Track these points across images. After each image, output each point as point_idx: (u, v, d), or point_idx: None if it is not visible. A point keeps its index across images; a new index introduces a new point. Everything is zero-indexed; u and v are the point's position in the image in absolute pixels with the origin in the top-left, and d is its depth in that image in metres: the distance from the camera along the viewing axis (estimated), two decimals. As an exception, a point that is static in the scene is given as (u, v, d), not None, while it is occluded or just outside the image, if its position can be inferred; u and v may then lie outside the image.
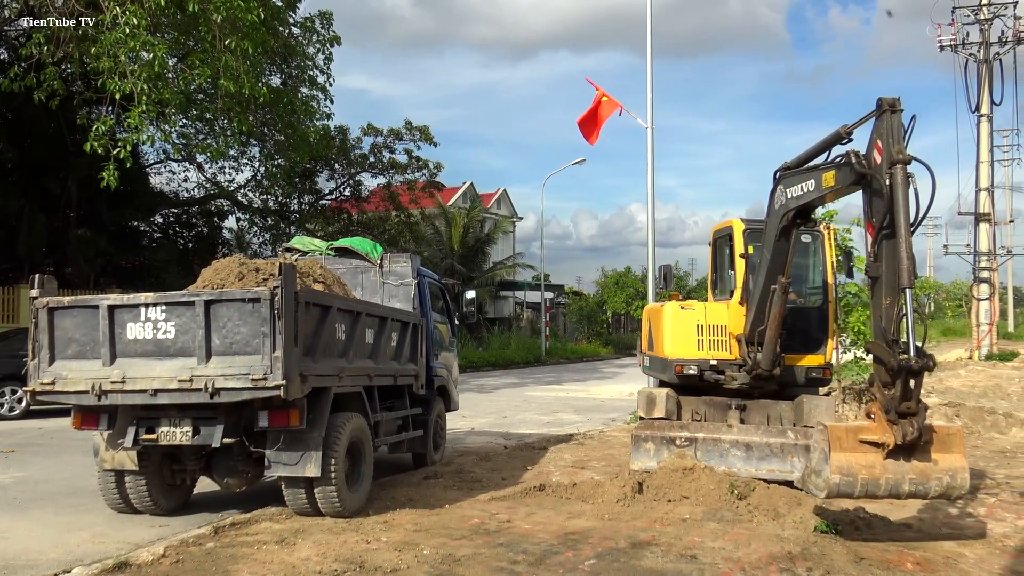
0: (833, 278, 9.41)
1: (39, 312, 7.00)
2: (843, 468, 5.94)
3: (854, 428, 6.20)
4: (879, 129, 6.31)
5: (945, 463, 5.99)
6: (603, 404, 19.64)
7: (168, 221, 32.46)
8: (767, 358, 8.58)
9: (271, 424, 6.88)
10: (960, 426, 6.38)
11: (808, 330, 9.29)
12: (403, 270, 10.04)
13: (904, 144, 6.17)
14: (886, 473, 5.94)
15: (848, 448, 6.03)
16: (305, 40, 23.07)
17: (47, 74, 16.99)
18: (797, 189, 7.45)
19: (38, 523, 7.46)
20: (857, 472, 5.94)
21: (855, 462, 5.96)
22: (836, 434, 6.07)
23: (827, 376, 9.18)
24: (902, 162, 6.07)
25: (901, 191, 6.02)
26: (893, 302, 6.21)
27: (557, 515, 7.47)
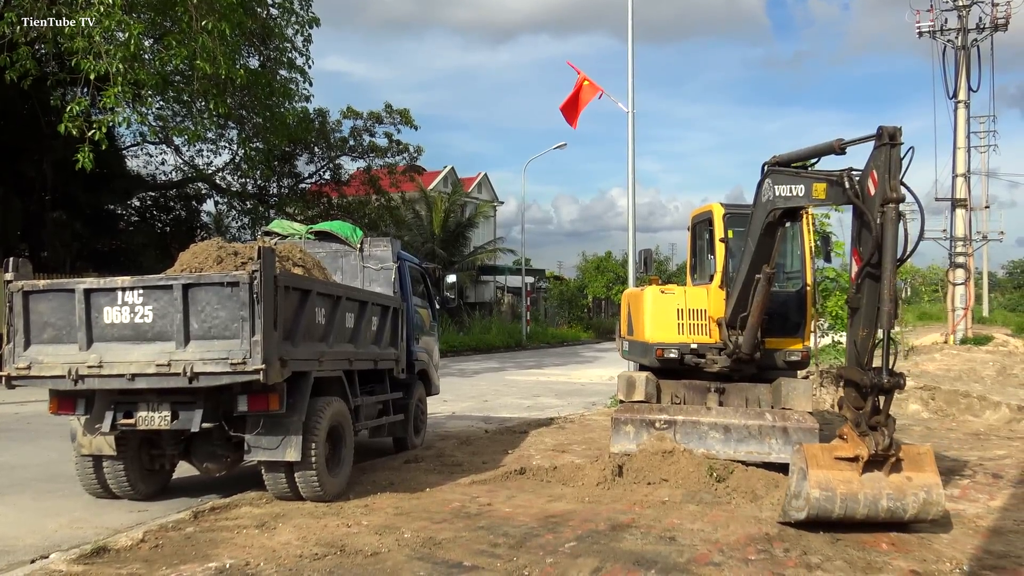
0: (811, 263, 9.47)
1: (14, 296, 6.91)
2: (822, 483, 6.09)
3: (829, 447, 6.40)
4: (876, 160, 6.19)
5: (919, 480, 6.18)
6: (583, 388, 19.72)
7: (145, 204, 32.14)
8: (748, 343, 8.66)
9: (251, 409, 6.84)
10: (930, 446, 6.64)
11: (787, 314, 9.36)
12: (383, 254, 10.00)
13: (900, 179, 6.09)
14: (864, 488, 6.11)
15: (825, 465, 6.20)
16: (284, 21, 22.81)
17: (20, 54, 16.70)
18: (786, 190, 7.38)
19: (15, 509, 7.40)
20: (836, 487, 6.09)
21: (833, 477, 6.10)
22: (812, 453, 6.28)
23: (805, 359, 9.26)
24: (895, 200, 6.04)
25: (891, 230, 6.05)
26: (870, 334, 6.39)
27: (538, 498, 7.51)
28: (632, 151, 16.05)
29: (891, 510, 6.18)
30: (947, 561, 5.69)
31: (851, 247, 6.76)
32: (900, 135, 6.10)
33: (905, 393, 14.41)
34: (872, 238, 6.22)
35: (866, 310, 6.39)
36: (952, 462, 9.55)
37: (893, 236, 6.09)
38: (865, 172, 6.37)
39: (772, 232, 7.95)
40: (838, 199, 6.66)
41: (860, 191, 6.38)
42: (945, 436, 11.65)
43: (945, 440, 11.28)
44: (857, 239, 6.54)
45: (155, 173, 31.58)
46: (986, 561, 5.76)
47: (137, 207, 31.99)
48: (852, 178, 6.44)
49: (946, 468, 9.14)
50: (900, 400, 14.34)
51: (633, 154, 16.07)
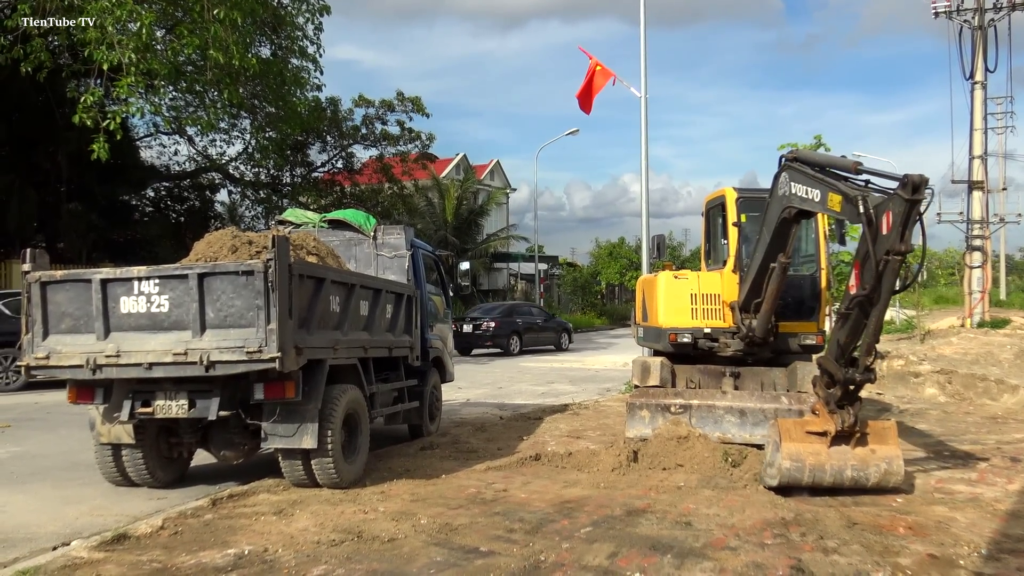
0: (826, 246, 9.42)
1: (32, 286, 6.96)
2: (792, 455, 6.80)
3: (801, 422, 7.04)
4: (895, 206, 6.09)
5: (882, 452, 6.81)
6: (598, 374, 19.72)
7: (159, 195, 32.27)
8: (761, 327, 8.66)
9: (267, 397, 6.88)
10: (894, 421, 7.22)
11: (801, 298, 9.33)
12: (397, 242, 10.01)
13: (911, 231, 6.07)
14: (831, 460, 6.79)
15: (797, 439, 6.88)
16: (295, 10, 22.82)
17: (34, 46, 16.77)
18: (803, 191, 7.30)
19: (36, 497, 7.48)
20: (805, 459, 6.79)
21: (803, 450, 6.81)
22: (785, 427, 6.93)
23: (819, 343, 9.23)
24: (901, 253, 6.09)
25: (889, 278, 6.26)
26: (851, 342, 6.76)
27: (553, 484, 7.53)
28: (645, 136, 15.97)
29: (855, 479, 6.83)
30: (965, 544, 5.66)
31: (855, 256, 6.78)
32: (924, 188, 5.98)
33: (922, 377, 14.33)
34: (872, 274, 6.30)
35: (853, 323, 6.65)
36: (970, 446, 9.50)
37: (891, 283, 6.27)
38: (882, 208, 6.24)
39: (787, 227, 7.93)
40: (852, 218, 6.61)
41: (875, 220, 6.28)
42: (962, 420, 11.58)
43: (962, 424, 11.22)
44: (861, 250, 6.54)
45: (169, 163, 31.72)
46: (1004, 545, 5.74)
47: (151, 198, 32.15)
48: (868, 202, 6.34)
49: (964, 452, 9.11)
50: (917, 384, 14.27)
51: (646, 139, 15.99)
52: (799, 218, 7.88)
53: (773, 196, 7.94)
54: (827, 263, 9.38)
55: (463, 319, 26.93)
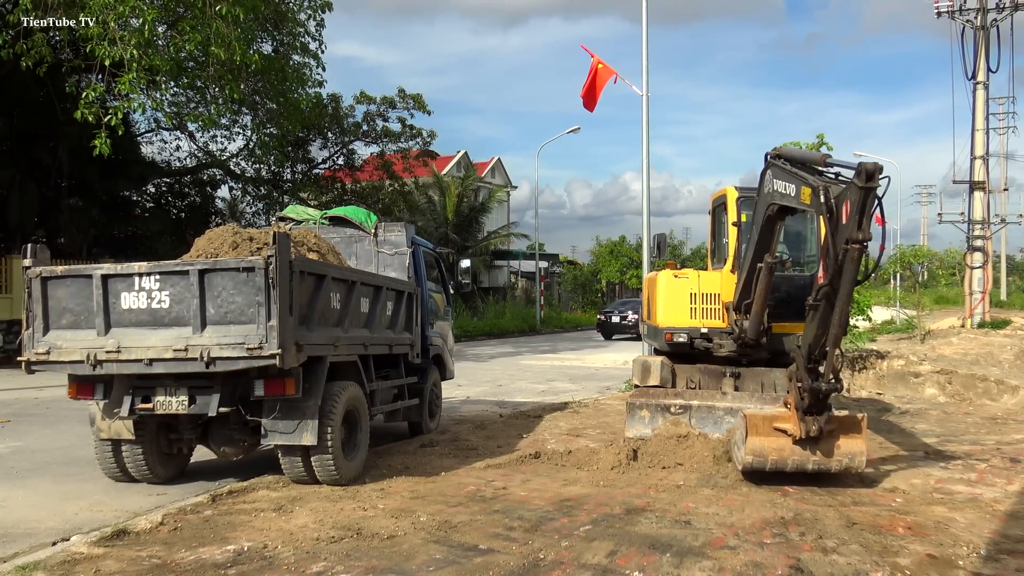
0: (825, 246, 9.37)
1: (32, 282, 6.97)
2: (755, 451, 7.14)
3: (770, 417, 7.25)
4: (852, 195, 6.22)
5: (847, 447, 7.07)
6: (598, 373, 19.72)
7: (160, 191, 32.21)
8: (753, 329, 8.67)
9: (267, 393, 6.89)
10: (865, 415, 7.33)
11: (801, 299, 9.27)
12: (398, 239, 10.01)
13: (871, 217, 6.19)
14: (793, 455, 7.10)
15: (763, 433, 7.16)
16: (296, 6, 22.78)
17: (35, 41, 16.74)
18: (782, 186, 7.45)
19: (36, 492, 7.49)
20: (768, 454, 7.12)
21: (767, 445, 7.11)
22: (753, 421, 7.17)
23: None
24: (859, 242, 6.18)
25: (850, 268, 6.32)
26: (821, 336, 6.87)
27: (552, 482, 7.53)
28: (646, 134, 15.94)
29: (816, 470, 7.21)
30: (964, 545, 5.66)
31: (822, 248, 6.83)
32: (878, 175, 6.10)
33: (922, 377, 14.34)
34: (833, 264, 6.42)
35: (821, 316, 6.79)
36: (970, 446, 9.51)
37: (852, 272, 6.34)
38: (841, 197, 6.37)
39: (772, 224, 7.98)
40: (819, 210, 6.65)
41: (836, 211, 6.39)
42: (962, 420, 11.59)
43: (962, 424, 11.22)
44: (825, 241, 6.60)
45: (170, 159, 31.67)
46: (1003, 545, 5.74)
47: (152, 193, 32.10)
48: (828, 193, 6.46)
49: (963, 452, 9.11)
50: (917, 384, 14.28)
51: (648, 137, 15.96)
52: (782, 215, 7.92)
53: (760, 194, 7.99)
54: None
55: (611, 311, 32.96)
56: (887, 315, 29.91)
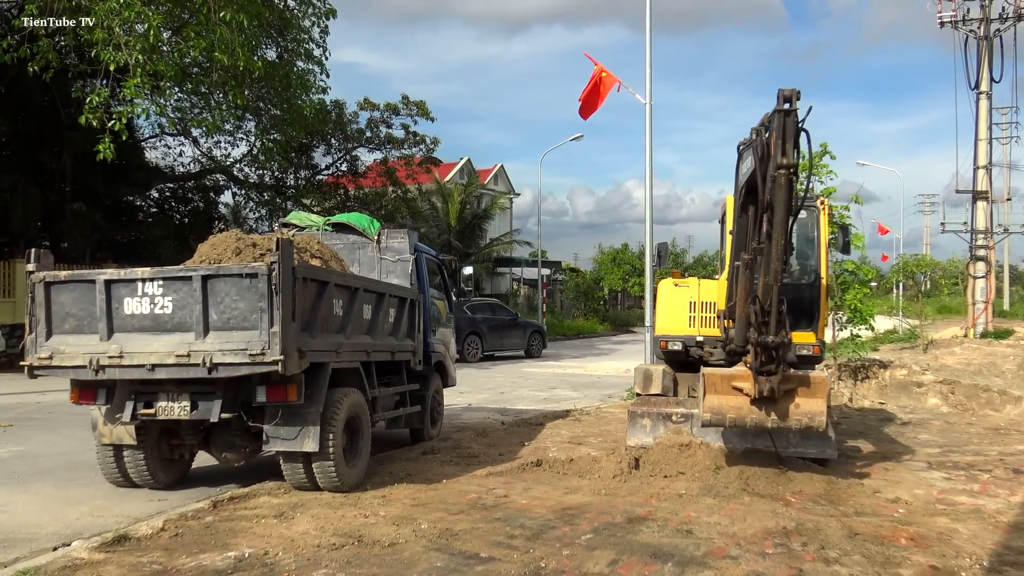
0: (826, 254, 9.36)
1: (36, 287, 6.98)
2: (713, 408, 7.23)
3: (728, 375, 7.31)
4: (775, 124, 6.27)
5: (806, 407, 7.04)
6: (600, 380, 19.70)
7: (164, 196, 32.26)
8: (738, 335, 8.64)
9: (269, 399, 6.89)
10: (827, 375, 7.31)
11: (799, 307, 9.27)
12: (400, 246, 10.02)
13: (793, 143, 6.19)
14: (751, 414, 7.12)
15: (722, 391, 7.24)
16: (301, 13, 22.83)
17: (41, 46, 16.80)
18: (746, 164, 7.45)
19: (37, 497, 7.49)
20: (726, 412, 7.20)
21: (725, 403, 7.18)
22: (712, 380, 7.26)
23: (817, 353, 9.09)
24: (785, 167, 6.17)
25: (779, 196, 6.26)
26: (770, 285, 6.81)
27: (554, 490, 7.52)
28: (649, 142, 15.95)
29: (775, 429, 7.29)
30: (967, 556, 5.65)
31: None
32: (797, 99, 6.16)
33: (925, 387, 14.31)
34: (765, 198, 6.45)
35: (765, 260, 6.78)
36: (972, 457, 9.49)
37: (783, 201, 6.27)
38: (770, 133, 6.42)
39: (746, 212, 7.96)
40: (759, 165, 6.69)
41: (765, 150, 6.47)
42: (965, 431, 11.56)
43: (965, 435, 11.20)
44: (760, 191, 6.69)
45: (173, 165, 31.71)
46: (1006, 557, 5.72)
47: (156, 199, 32.15)
48: (760, 134, 6.54)
49: (966, 463, 9.09)
50: (919, 394, 14.25)
51: (651, 145, 15.97)
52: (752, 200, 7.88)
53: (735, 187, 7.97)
54: (827, 272, 9.33)
55: None
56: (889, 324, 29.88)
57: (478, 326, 25.64)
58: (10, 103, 24.08)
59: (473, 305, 26.45)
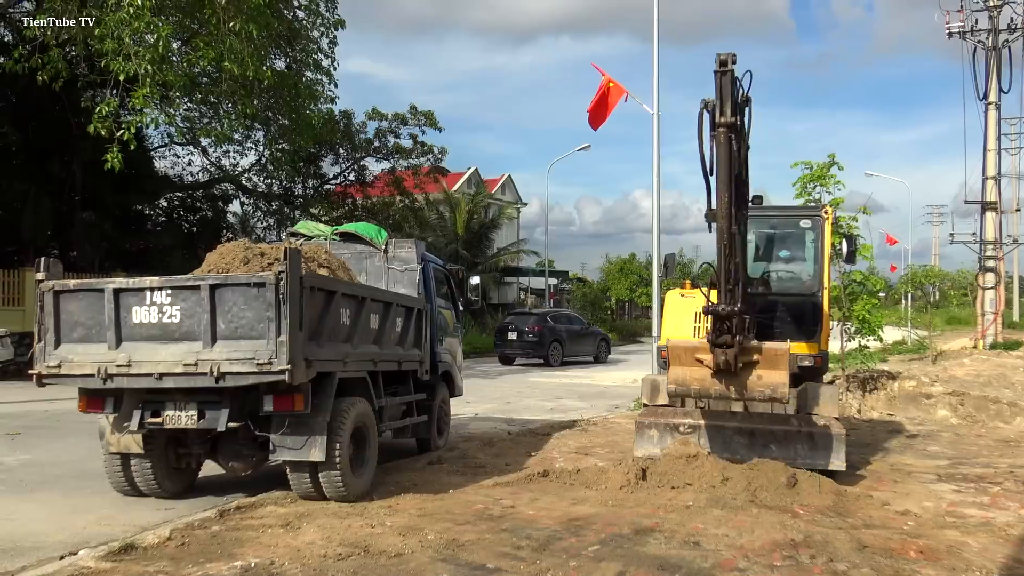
0: (828, 265, 9.31)
1: (45, 295, 7.01)
2: (677, 380, 7.41)
3: (692, 348, 7.40)
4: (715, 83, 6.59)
5: (768, 379, 7.10)
6: (607, 390, 19.66)
7: (172, 205, 32.45)
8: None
9: (276, 408, 6.90)
10: (788, 346, 7.27)
11: (801, 317, 9.26)
12: (408, 255, 10.03)
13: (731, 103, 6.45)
14: (715, 386, 7.25)
15: (686, 363, 7.35)
16: (310, 23, 22.97)
17: (51, 56, 16.95)
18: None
19: (44, 505, 7.50)
20: (690, 384, 7.36)
21: (689, 375, 7.31)
22: (676, 352, 7.39)
23: (819, 364, 9.05)
24: (724, 126, 6.45)
25: (721, 153, 6.52)
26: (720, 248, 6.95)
27: (561, 501, 7.50)
28: (657, 153, 15.97)
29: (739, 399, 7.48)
30: (977, 570, 5.61)
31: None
32: (733, 63, 6.46)
33: (934, 399, 14.23)
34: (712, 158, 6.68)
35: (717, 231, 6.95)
36: (982, 469, 9.42)
37: (724, 158, 6.51)
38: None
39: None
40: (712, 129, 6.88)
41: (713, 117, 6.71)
42: (975, 443, 11.49)
43: (975, 447, 11.13)
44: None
45: (182, 174, 31.90)
46: (1017, 570, 5.68)
47: (164, 208, 32.33)
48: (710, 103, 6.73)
49: (976, 475, 9.03)
50: (929, 405, 14.17)
51: (658, 156, 15.99)
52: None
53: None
54: (829, 282, 9.29)
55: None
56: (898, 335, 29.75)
57: (560, 334, 28.14)
58: (21, 113, 24.26)
59: (554, 315, 29.53)
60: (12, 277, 22.86)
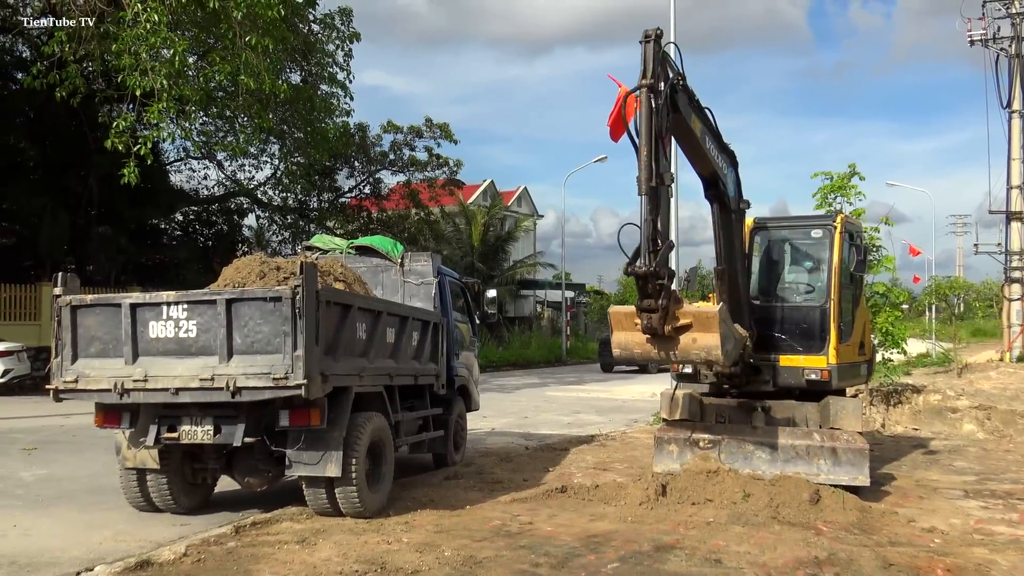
0: (839, 275, 9.16)
1: (62, 310, 7.08)
2: (620, 344, 7.51)
3: (631, 312, 7.44)
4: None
5: (702, 341, 7.15)
6: (625, 405, 19.59)
7: (188, 219, 32.71)
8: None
9: (292, 423, 6.92)
10: (718, 308, 7.35)
11: (808, 330, 9.17)
12: (424, 269, 10.06)
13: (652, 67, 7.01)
14: (654, 350, 7.34)
15: (627, 328, 7.45)
16: (325, 37, 23.19)
17: (69, 72, 17.18)
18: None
19: (60, 521, 7.55)
20: (632, 348, 7.44)
21: (631, 340, 7.42)
22: (617, 317, 7.53)
23: (826, 378, 8.88)
24: (645, 87, 7.01)
25: (642, 112, 7.04)
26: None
27: (579, 517, 7.47)
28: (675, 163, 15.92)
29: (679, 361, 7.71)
30: (1006, 589, 5.53)
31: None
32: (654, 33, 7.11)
33: (960, 412, 14.08)
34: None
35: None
36: (1011, 485, 9.31)
37: (645, 115, 7.02)
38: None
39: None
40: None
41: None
42: (1002, 458, 11.35)
43: (1002, 462, 10.99)
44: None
45: (198, 188, 32.16)
46: (1048, 589, 5.59)
47: (180, 222, 32.59)
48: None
49: (1004, 491, 8.92)
50: (954, 420, 14.02)
51: (676, 166, 15.93)
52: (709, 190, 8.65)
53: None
54: (838, 294, 9.12)
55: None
56: (922, 348, 29.48)
57: None
58: (38, 128, 24.58)
59: None
60: (29, 292, 23.11)
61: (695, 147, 8.05)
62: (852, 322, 9.46)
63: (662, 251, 6.99)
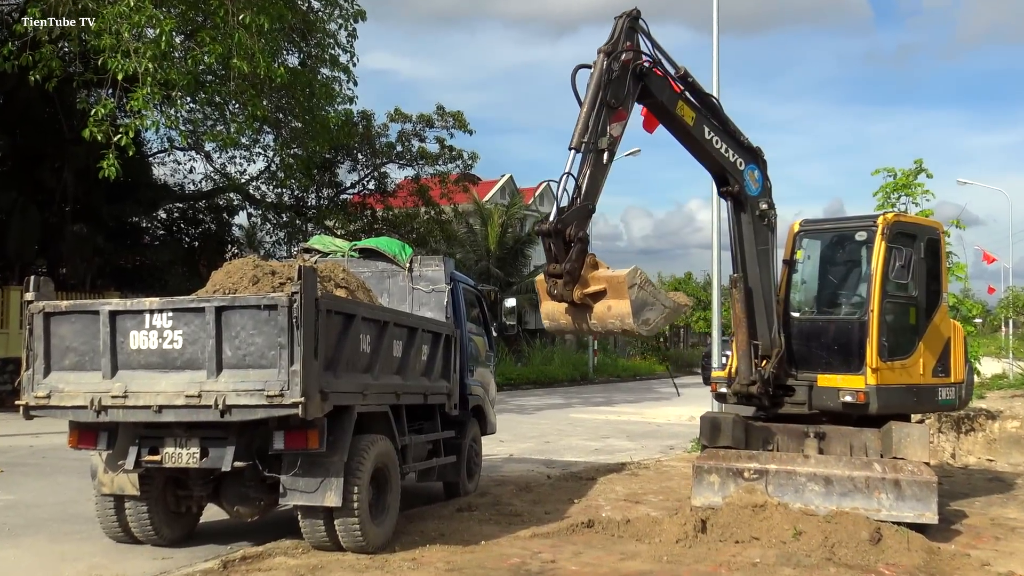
0: (880, 283, 9.05)
1: (34, 318, 7.14)
2: (548, 315, 7.96)
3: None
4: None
5: (616, 309, 7.45)
6: (659, 429, 19.56)
7: (172, 217, 32.97)
8: (743, 371, 8.69)
9: (287, 446, 6.95)
10: (625, 272, 7.53)
11: (844, 346, 9.14)
12: (435, 274, 10.09)
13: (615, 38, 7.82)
14: (579, 321, 7.73)
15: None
16: (326, 15, 23.27)
17: (43, 53, 17.31)
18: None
19: (29, 552, 7.62)
20: (559, 319, 7.86)
21: (556, 310, 7.83)
22: (542, 287, 7.84)
23: (862, 401, 8.81)
24: (602, 52, 7.71)
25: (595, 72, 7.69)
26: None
27: (608, 556, 7.46)
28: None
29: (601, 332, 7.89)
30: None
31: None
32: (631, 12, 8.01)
33: None
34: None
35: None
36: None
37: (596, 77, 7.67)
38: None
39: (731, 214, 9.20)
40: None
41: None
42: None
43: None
44: None
45: (183, 182, 32.38)
46: None
47: (163, 219, 32.83)
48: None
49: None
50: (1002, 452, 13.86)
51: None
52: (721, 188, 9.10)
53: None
54: (879, 305, 9.01)
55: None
56: (998, 368, 29.23)
57: None
58: (8, 115, 24.83)
59: None
60: (-4, 296, 23.35)
61: (689, 138, 8.58)
62: (915, 337, 9.35)
63: (572, 210, 7.39)
